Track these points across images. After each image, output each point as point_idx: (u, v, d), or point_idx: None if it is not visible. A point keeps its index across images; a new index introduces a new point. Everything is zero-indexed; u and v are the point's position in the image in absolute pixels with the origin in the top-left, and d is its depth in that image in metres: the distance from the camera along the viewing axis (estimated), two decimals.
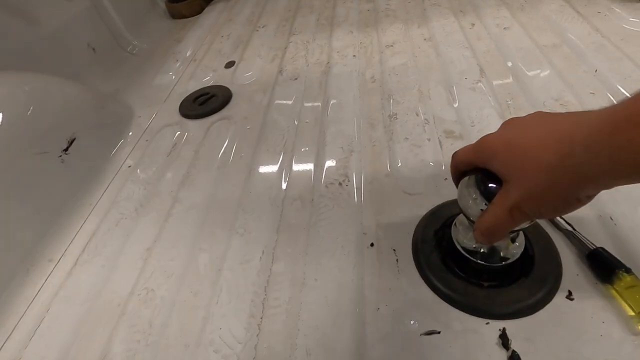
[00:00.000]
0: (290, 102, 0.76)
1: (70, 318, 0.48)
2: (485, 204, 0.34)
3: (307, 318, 0.42)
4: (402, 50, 0.84)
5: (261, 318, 0.43)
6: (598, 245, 0.41)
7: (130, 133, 0.78)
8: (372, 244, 0.48)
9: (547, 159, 0.28)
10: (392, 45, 0.86)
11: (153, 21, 1.24)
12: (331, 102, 0.73)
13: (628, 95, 0.59)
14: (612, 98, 0.60)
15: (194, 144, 0.72)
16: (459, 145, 0.58)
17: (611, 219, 0.44)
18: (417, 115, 0.65)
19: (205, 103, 0.82)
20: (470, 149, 0.36)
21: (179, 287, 0.48)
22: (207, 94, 0.85)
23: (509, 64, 0.72)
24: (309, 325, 0.42)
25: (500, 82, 0.69)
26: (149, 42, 1.14)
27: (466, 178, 0.37)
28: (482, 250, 0.40)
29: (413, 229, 0.48)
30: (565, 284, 0.40)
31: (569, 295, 0.39)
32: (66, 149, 0.66)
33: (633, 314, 0.36)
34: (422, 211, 0.50)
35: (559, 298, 0.39)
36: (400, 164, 0.58)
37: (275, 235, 0.52)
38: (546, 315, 0.38)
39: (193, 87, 0.89)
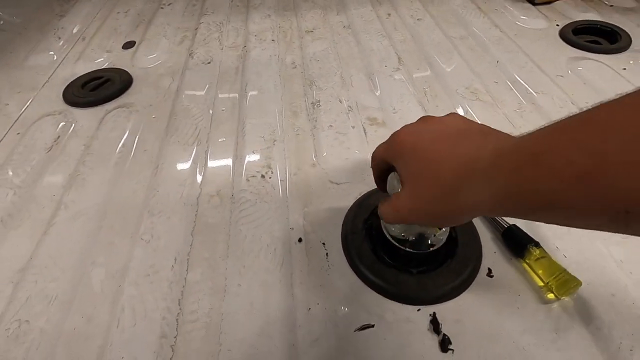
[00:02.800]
0: (203, 89, 0.68)
1: None
2: None
3: (230, 331, 0.37)
4: (322, 36, 0.81)
5: (175, 337, 0.37)
6: (511, 223, 0.43)
7: None
8: (300, 239, 0.44)
9: (444, 178, 0.27)
10: (312, 31, 0.83)
11: None
12: (250, 89, 0.67)
13: (524, 83, 0.65)
14: (511, 86, 0.65)
15: (84, 137, 0.59)
16: (382, 132, 0.58)
17: None
18: (341, 102, 0.63)
19: (97, 89, 0.69)
20: (384, 145, 0.35)
21: (65, 313, 0.39)
22: (101, 77, 0.71)
23: (424, 53, 0.74)
24: (233, 338, 0.37)
25: (417, 70, 0.70)
26: (21, 14, 0.93)
27: (394, 172, 0.35)
28: (411, 239, 0.39)
29: (342, 220, 0.46)
30: (486, 262, 0.42)
31: (489, 273, 0.41)
32: None
33: (542, 284, 0.39)
34: (350, 201, 0.48)
35: (481, 276, 0.41)
36: (325, 153, 0.55)
37: (190, 238, 0.45)
38: (471, 295, 0.39)
39: (82, 70, 0.74)
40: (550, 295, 0.38)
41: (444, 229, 0.40)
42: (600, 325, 0.36)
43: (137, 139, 0.59)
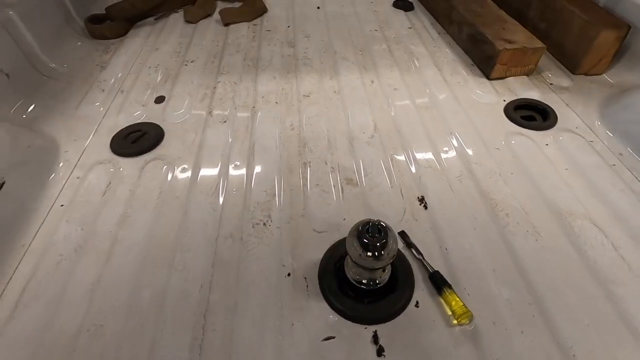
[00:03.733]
0: (219, 145, 0.87)
1: None
2: (363, 251, 0.52)
3: (239, 339, 0.56)
4: (316, 101, 1.01)
5: (202, 340, 0.55)
6: (436, 269, 0.62)
7: (60, 170, 0.81)
8: (289, 274, 0.63)
9: None
10: (308, 96, 1.02)
11: (70, 40, 1.22)
12: (256, 147, 0.87)
13: (467, 153, 0.84)
14: (457, 156, 0.84)
15: (129, 184, 0.78)
16: (355, 191, 0.77)
17: (446, 249, 0.67)
18: (326, 164, 0.83)
19: (137, 141, 0.88)
20: None
21: (125, 320, 0.57)
22: (139, 130, 0.91)
23: (395, 123, 0.94)
24: (241, 345, 0.55)
25: (387, 135, 0.90)
26: (68, 64, 1.13)
27: (352, 228, 0.54)
28: (363, 280, 0.58)
29: (319, 260, 0.65)
30: (416, 296, 0.60)
31: (417, 304, 0.59)
32: None
33: (450, 313, 0.58)
34: (327, 246, 0.67)
35: (411, 307, 0.59)
36: (312, 207, 0.74)
37: (210, 269, 0.64)
38: (403, 319, 0.58)
39: (123, 122, 0.94)
40: (454, 322, 0.57)
41: (387, 273, 0.59)
42: (484, 344, 0.55)
43: (169, 187, 0.77)
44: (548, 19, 1.18)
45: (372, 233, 0.52)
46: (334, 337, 0.56)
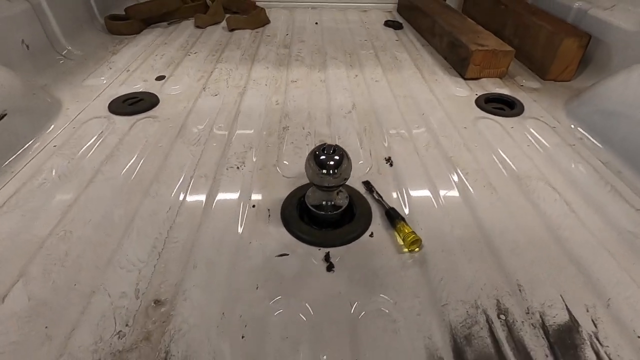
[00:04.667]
0: (208, 112, 0.95)
1: None
2: (319, 169, 0.56)
3: (197, 251, 0.58)
4: (303, 85, 1.10)
5: (162, 249, 0.58)
6: (391, 206, 0.65)
7: (58, 121, 0.88)
8: (253, 206, 0.67)
9: None
10: (296, 81, 1.12)
11: (91, 34, 1.36)
12: (241, 115, 0.94)
13: (436, 129, 0.90)
14: (426, 130, 0.90)
15: (119, 134, 0.85)
16: None
17: (405, 195, 0.70)
18: (303, 129, 0.89)
19: (133, 105, 0.96)
20: None
21: (94, 230, 0.61)
22: (136, 97, 0.99)
23: (372, 105, 1.02)
24: (199, 255, 0.58)
25: (364, 114, 0.97)
26: (84, 50, 1.25)
27: (308, 154, 0.59)
28: (323, 203, 0.62)
29: (284, 198, 0.69)
30: (371, 228, 0.63)
31: (371, 235, 0.62)
32: None
33: (401, 243, 0.60)
34: (293, 188, 0.71)
35: (365, 237, 0.62)
36: (284, 159, 0.79)
37: (180, 197, 0.68)
38: (356, 246, 0.60)
39: (124, 91, 1.02)
40: (405, 250, 0.59)
41: (344, 198, 0.62)
42: (429, 267, 0.57)
43: (156, 138, 0.84)
44: (520, 34, 1.29)
45: (327, 152, 0.57)
46: (287, 254, 0.58)
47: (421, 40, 1.47)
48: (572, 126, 0.94)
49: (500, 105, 1.04)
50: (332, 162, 0.57)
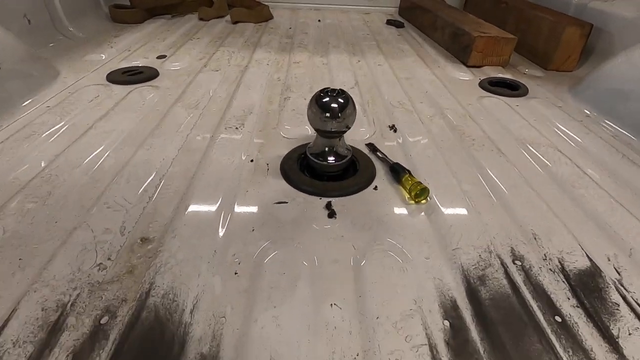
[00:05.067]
0: (209, 83, 0.93)
1: None
2: (322, 113, 0.54)
3: (189, 196, 0.55)
4: (305, 66, 1.09)
5: (153, 194, 0.55)
6: (396, 161, 0.62)
7: (54, 86, 0.86)
8: (251, 160, 0.64)
9: None
10: (298, 63, 1.11)
11: (94, 19, 1.36)
12: (241, 86, 0.92)
13: (440, 105, 0.88)
14: (430, 104, 0.88)
15: (116, 98, 0.83)
16: None
17: (410, 156, 0.67)
18: (305, 99, 0.87)
19: (133, 76, 0.95)
20: None
21: (82, 174, 0.57)
22: (136, 69, 0.98)
23: (375, 82, 1.00)
24: (191, 199, 0.54)
25: (367, 90, 0.95)
26: (86, 33, 1.25)
27: (310, 100, 0.56)
28: (326, 149, 0.59)
29: (284, 155, 0.66)
30: (375, 182, 0.60)
31: (375, 188, 0.59)
32: None
33: (407, 195, 0.57)
34: (294, 146, 0.68)
35: (369, 190, 0.59)
36: (285, 123, 0.76)
37: (176, 151, 0.65)
38: (359, 197, 0.57)
39: (124, 65, 1.01)
40: (411, 201, 0.56)
41: (346, 148, 0.59)
42: (437, 216, 0.53)
43: (154, 102, 0.81)
44: (522, 29, 1.30)
45: (331, 94, 0.55)
46: (286, 202, 0.55)
47: (423, 36, 1.48)
48: (579, 107, 0.92)
49: (505, 89, 1.03)
50: (335, 105, 0.54)
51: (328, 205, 0.54)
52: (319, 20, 1.66)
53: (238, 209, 0.53)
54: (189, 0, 1.58)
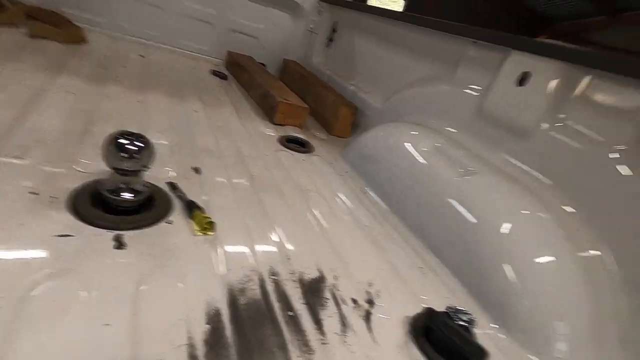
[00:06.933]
0: None
1: None
2: (117, 153, 0.60)
3: None
4: (117, 100, 1.09)
5: None
6: (191, 199, 0.73)
7: None
8: (34, 193, 0.62)
9: None
10: (109, 96, 1.10)
11: None
12: (34, 112, 0.85)
13: (244, 154, 1.06)
14: (235, 154, 1.05)
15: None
16: None
17: (204, 200, 0.80)
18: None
19: None
20: None
21: None
22: None
23: (189, 132, 1.10)
24: None
25: (179, 133, 1.04)
26: None
27: (106, 138, 0.62)
28: (120, 186, 0.63)
29: (75, 189, 0.66)
30: (171, 217, 0.68)
31: (169, 222, 0.67)
32: None
33: (197, 228, 0.68)
34: (88, 180, 0.69)
35: (162, 223, 0.66)
36: (82, 157, 0.76)
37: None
38: (151, 230, 0.64)
39: None
40: (199, 233, 0.67)
41: (139, 185, 0.66)
42: (219, 245, 0.66)
43: None
44: (316, 100, 1.69)
45: (128, 137, 0.62)
46: (73, 235, 0.56)
47: (242, 91, 1.70)
48: (343, 165, 1.28)
49: (297, 146, 1.31)
50: (132, 147, 0.62)
51: (117, 238, 0.59)
52: (142, 56, 1.66)
53: (8, 243, 0.51)
54: None
